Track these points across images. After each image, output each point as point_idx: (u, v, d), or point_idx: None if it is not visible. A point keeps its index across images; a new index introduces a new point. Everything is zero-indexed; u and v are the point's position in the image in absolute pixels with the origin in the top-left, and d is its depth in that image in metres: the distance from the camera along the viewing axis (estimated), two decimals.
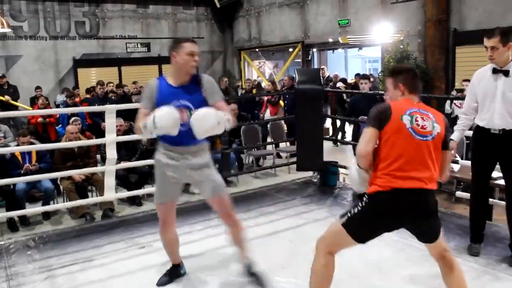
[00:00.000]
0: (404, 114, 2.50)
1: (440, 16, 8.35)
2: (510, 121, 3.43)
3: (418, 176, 2.45)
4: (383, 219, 2.55)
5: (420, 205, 2.51)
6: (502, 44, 3.32)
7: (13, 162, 5.93)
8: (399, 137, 2.46)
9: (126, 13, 13.32)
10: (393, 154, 2.46)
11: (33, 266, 3.85)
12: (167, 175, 3.14)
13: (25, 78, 11.63)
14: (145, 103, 3.03)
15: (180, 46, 2.98)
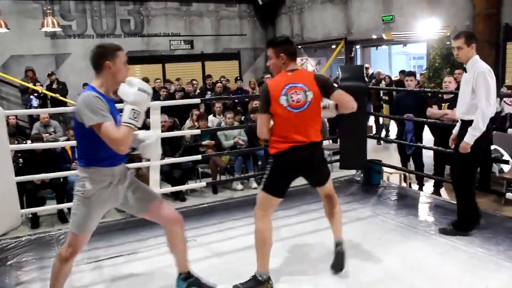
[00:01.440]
0: (281, 95, 3.06)
1: (490, 10, 8.06)
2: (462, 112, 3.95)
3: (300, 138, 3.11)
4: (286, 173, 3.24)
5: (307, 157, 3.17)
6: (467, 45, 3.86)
7: (63, 156, 6.16)
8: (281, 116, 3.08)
9: (170, 11, 13.53)
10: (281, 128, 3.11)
11: (81, 257, 3.96)
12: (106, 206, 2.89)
13: (73, 75, 12.00)
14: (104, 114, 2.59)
15: (115, 55, 2.72)
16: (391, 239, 4.06)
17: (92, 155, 2.74)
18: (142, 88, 2.63)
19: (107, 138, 2.57)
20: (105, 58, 2.70)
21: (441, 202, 5.12)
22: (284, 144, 3.11)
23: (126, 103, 2.62)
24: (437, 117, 5.74)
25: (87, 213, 2.79)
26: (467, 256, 3.67)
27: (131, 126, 2.60)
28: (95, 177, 2.76)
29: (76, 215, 2.80)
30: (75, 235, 2.82)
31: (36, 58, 11.74)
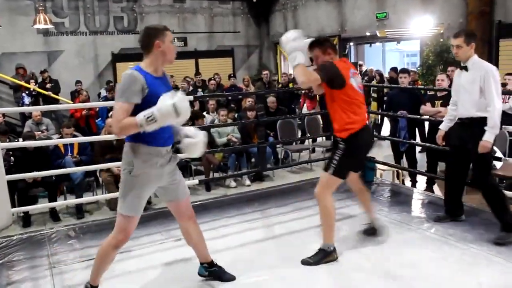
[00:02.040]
0: (351, 77, 3.37)
1: (483, 8, 8.08)
2: (471, 110, 3.89)
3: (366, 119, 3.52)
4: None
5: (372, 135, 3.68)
6: (466, 43, 3.85)
7: (55, 154, 6.12)
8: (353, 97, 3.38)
9: (163, 8, 13.48)
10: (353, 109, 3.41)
11: (74, 255, 3.96)
12: (152, 186, 2.90)
13: (66, 72, 11.94)
14: (129, 97, 2.62)
15: (164, 34, 2.79)
16: (384, 236, 4.07)
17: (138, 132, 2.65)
18: (176, 105, 2.56)
19: (113, 116, 2.64)
20: (155, 38, 2.75)
21: (434, 199, 5.12)
22: (357, 124, 3.39)
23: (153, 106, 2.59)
24: (431, 115, 5.76)
25: (137, 192, 2.79)
26: (460, 252, 3.68)
27: (137, 124, 2.57)
28: (141, 154, 2.76)
29: (126, 195, 2.79)
30: (127, 217, 2.82)
31: (28, 56, 11.65)
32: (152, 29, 2.81)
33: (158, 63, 2.80)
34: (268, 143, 7.20)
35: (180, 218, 3.17)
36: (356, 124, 3.40)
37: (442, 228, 4.18)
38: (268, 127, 7.87)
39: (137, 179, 2.76)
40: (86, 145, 6.36)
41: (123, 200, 2.81)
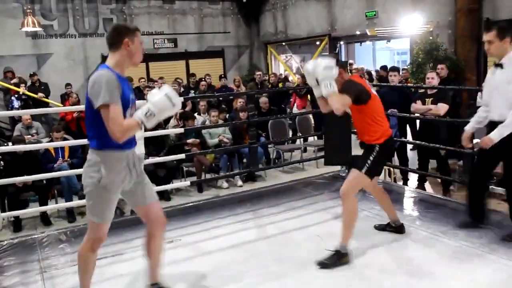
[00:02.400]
0: (371, 90, 3.60)
1: (471, 5, 8.13)
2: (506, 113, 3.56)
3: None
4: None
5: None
6: (499, 38, 3.58)
7: (46, 157, 6.08)
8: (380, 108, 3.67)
9: (153, 9, 13.42)
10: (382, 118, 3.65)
11: (65, 259, 3.93)
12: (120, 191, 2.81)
13: (55, 75, 11.85)
14: (116, 98, 2.53)
15: (134, 34, 2.71)
16: (376, 234, 4.08)
17: (107, 136, 2.57)
18: (169, 96, 2.57)
19: (111, 121, 2.49)
20: (125, 36, 2.65)
21: (425, 196, 5.15)
22: (389, 130, 3.64)
23: (147, 102, 2.58)
24: (421, 112, 5.78)
25: (105, 201, 2.72)
26: (452, 249, 3.70)
27: (139, 123, 2.55)
28: (110, 161, 2.66)
29: (93, 204, 2.72)
30: (96, 224, 2.76)
31: (17, 59, 11.54)
32: (122, 27, 2.74)
33: (124, 64, 2.69)
34: (260, 143, 7.20)
35: (152, 224, 3.00)
36: (388, 131, 3.64)
37: (433, 225, 4.20)
38: (260, 127, 7.86)
39: (105, 187, 2.67)
40: (77, 148, 6.32)
41: (92, 209, 2.74)
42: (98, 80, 2.52)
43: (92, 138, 2.68)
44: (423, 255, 3.64)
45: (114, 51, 2.67)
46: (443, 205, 4.74)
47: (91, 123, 2.65)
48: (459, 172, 6.04)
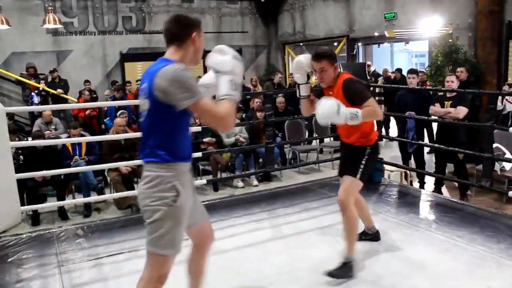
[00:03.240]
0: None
1: (492, 7, 8.02)
2: None
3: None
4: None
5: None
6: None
7: (63, 153, 6.16)
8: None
9: (171, 7, 13.49)
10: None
11: (82, 254, 3.98)
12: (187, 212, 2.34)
13: (74, 72, 11.99)
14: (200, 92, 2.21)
15: (200, 28, 2.34)
16: (392, 237, 4.05)
17: (177, 145, 2.23)
18: (236, 56, 2.29)
19: (212, 117, 2.17)
20: (193, 29, 2.30)
21: (442, 200, 5.10)
22: (376, 131, 3.51)
23: (220, 74, 2.25)
24: (440, 115, 5.72)
25: (181, 224, 2.27)
26: (469, 254, 3.65)
27: (233, 99, 2.21)
28: (183, 175, 2.26)
29: (166, 232, 2.22)
30: (167, 257, 2.29)
31: (38, 55, 11.71)
32: (189, 18, 2.34)
33: (187, 61, 2.30)
34: (276, 143, 7.20)
35: (204, 243, 2.63)
36: (377, 131, 3.52)
37: (450, 229, 4.15)
38: (276, 127, 7.86)
39: (180, 207, 2.23)
40: (94, 145, 6.39)
41: (164, 239, 2.23)
42: (178, 76, 2.11)
43: (157, 148, 2.21)
44: (438, 259, 3.61)
45: (178, 46, 2.29)
46: (460, 210, 4.69)
47: (159, 130, 2.21)
48: (477, 176, 5.97)
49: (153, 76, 2.14)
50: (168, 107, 2.13)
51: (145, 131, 2.26)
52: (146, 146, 2.25)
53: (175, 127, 2.22)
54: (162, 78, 2.11)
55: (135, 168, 6.10)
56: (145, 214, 2.25)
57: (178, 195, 2.21)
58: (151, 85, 2.15)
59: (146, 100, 2.21)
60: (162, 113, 2.17)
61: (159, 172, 2.20)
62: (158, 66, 2.17)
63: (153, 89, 2.14)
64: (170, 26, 2.32)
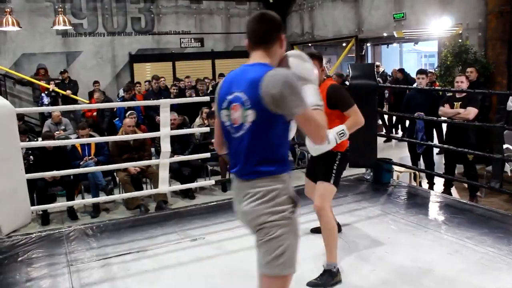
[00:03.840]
0: None
1: (503, 7, 7.95)
2: None
3: None
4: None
5: None
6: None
7: (73, 154, 6.20)
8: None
9: (180, 9, 13.53)
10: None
11: (91, 254, 4.00)
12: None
13: (84, 73, 12.07)
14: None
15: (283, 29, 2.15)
16: (401, 238, 4.03)
17: (285, 155, 2.10)
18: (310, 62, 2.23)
19: (314, 126, 2.01)
20: (281, 30, 2.13)
21: (451, 201, 5.07)
22: (346, 140, 3.39)
23: (306, 82, 2.15)
24: (449, 116, 5.69)
25: (296, 237, 2.09)
26: (478, 256, 3.63)
27: (322, 109, 2.14)
28: (290, 185, 2.09)
29: (289, 247, 2.04)
30: (287, 277, 2.10)
31: (48, 56, 11.80)
32: (276, 19, 2.13)
33: (273, 64, 2.10)
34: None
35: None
36: (347, 141, 3.45)
37: (459, 231, 4.13)
38: None
39: (296, 219, 2.08)
40: (103, 145, 6.43)
41: (282, 256, 2.02)
42: (290, 82, 1.93)
43: (266, 161, 2.04)
44: (448, 261, 3.59)
45: (266, 49, 2.09)
46: (469, 211, 4.66)
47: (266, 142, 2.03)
48: (487, 177, 5.92)
49: (256, 83, 1.94)
50: (276, 116, 1.97)
51: (246, 145, 2.03)
52: (250, 161, 2.04)
53: (282, 137, 2.06)
54: (272, 85, 1.91)
55: (143, 168, 6.12)
56: (261, 233, 2.04)
57: (295, 205, 2.08)
58: (256, 93, 1.94)
59: (247, 111, 1.98)
60: (270, 123, 1.99)
61: (272, 185, 2.03)
62: (258, 73, 1.97)
63: (260, 97, 1.93)
64: (256, 26, 2.10)
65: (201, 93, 9.71)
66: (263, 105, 1.94)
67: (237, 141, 2.07)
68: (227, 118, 2.09)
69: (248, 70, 2.04)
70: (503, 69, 8.02)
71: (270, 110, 1.94)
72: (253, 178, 2.05)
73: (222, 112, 2.11)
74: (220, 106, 2.13)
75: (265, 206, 2.02)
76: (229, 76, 2.16)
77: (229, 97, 2.06)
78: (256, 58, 2.08)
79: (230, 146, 2.15)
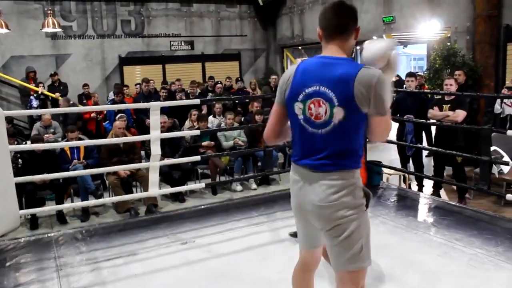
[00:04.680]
0: None
1: (490, 11, 8.04)
2: None
3: None
4: None
5: None
6: None
7: (62, 157, 6.15)
8: None
9: (170, 11, 13.52)
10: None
11: (80, 258, 3.97)
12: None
13: (73, 75, 12.00)
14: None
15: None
16: (391, 241, 4.06)
17: (358, 150, 2.07)
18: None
19: (385, 129, 2.05)
20: (357, 21, 2.06)
21: (440, 203, 5.11)
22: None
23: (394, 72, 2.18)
24: (438, 119, 5.74)
25: (369, 230, 2.13)
26: (467, 257, 3.66)
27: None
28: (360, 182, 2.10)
29: (364, 242, 2.07)
30: (363, 270, 2.15)
31: (37, 59, 11.72)
32: (354, 9, 2.07)
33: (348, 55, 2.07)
34: (275, 146, 7.20)
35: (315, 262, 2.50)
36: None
37: (448, 233, 4.16)
38: None
39: (367, 212, 2.12)
40: (93, 148, 6.39)
41: (362, 250, 2.07)
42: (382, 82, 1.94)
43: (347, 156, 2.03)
44: (437, 262, 3.61)
45: (343, 40, 2.03)
46: (458, 213, 4.70)
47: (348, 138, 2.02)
48: (475, 179, 5.98)
49: (349, 80, 1.91)
50: (362, 114, 1.97)
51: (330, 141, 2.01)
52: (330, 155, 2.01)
53: (361, 133, 2.05)
54: (367, 84, 1.90)
55: (133, 171, 6.10)
56: (339, 228, 2.03)
57: (369, 198, 2.10)
58: (347, 91, 1.91)
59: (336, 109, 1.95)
60: (357, 122, 1.98)
61: (350, 179, 2.03)
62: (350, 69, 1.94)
63: (353, 96, 1.91)
64: (334, 16, 2.01)
65: (191, 96, 9.70)
66: (355, 104, 1.91)
67: (316, 136, 2.03)
68: (301, 112, 2.04)
69: (332, 64, 1.98)
70: (490, 72, 8.11)
71: (359, 109, 1.93)
72: (331, 170, 2.01)
73: (296, 105, 2.05)
74: (295, 98, 2.05)
75: (343, 200, 2.00)
76: (303, 67, 2.07)
77: (308, 90, 2.00)
78: (333, 50, 2.02)
79: (302, 139, 2.09)
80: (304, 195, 2.10)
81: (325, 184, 2.01)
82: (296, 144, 2.13)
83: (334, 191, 2.00)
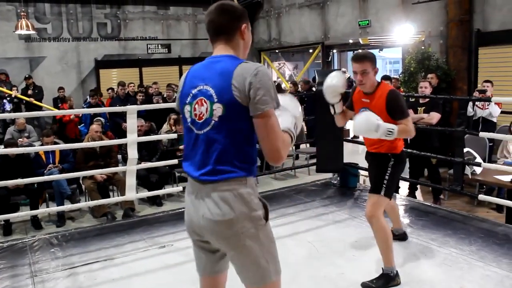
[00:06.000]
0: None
1: (462, 16, 8.23)
2: None
3: None
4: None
5: None
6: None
7: (36, 162, 6.05)
8: None
9: (147, 14, 13.45)
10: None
11: (56, 263, 3.91)
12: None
13: (48, 79, 11.83)
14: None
15: (248, 18, 2.02)
16: (368, 241, 4.10)
17: (251, 157, 1.90)
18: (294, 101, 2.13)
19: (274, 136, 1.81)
20: (243, 20, 1.97)
21: (416, 204, 5.19)
22: (401, 141, 3.34)
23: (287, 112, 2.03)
24: (413, 121, 5.82)
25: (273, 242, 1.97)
26: (441, 257, 3.73)
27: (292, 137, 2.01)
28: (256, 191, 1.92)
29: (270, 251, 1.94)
30: (277, 282, 1.99)
31: (10, 62, 11.52)
32: (236, 8, 1.98)
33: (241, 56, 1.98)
34: None
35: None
36: (402, 140, 3.38)
37: (424, 233, 4.24)
38: None
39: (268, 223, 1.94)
40: (68, 153, 6.30)
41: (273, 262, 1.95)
42: (264, 77, 1.81)
43: (236, 162, 1.84)
44: (413, 262, 3.67)
45: (227, 40, 1.96)
46: (433, 213, 4.79)
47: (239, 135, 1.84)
48: (449, 180, 6.09)
49: (226, 75, 1.82)
50: (246, 111, 1.80)
51: (211, 142, 1.84)
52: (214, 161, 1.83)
53: (251, 137, 1.86)
54: (243, 75, 1.78)
55: (110, 175, 6.03)
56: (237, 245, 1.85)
57: (267, 209, 1.91)
58: (225, 85, 1.80)
59: (214, 105, 1.83)
60: (239, 119, 1.81)
61: (242, 188, 1.84)
62: (229, 64, 1.85)
63: (230, 89, 1.79)
64: (214, 16, 1.95)
65: (169, 99, 9.64)
66: (233, 98, 1.78)
67: (200, 139, 1.88)
68: (189, 114, 1.92)
69: (215, 62, 1.91)
70: (463, 75, 8.29)
71: (239, 104, 1.78)
72: (219, 180, 1.82)
73: (185, 108, 1.94)
74: (183, 101, 1.95)
75: (239, 212, 1.82)
76: (192, 69, 2.00)
77: (194, 91, 1.91)
78: (220, 50, 1.95)
79: (189, 145, 1.94)
80: (196, 209, 1.93)
81: (217, 196, 1.83)
82: (186, 149, 1.99)
83: (227, 203, 1.82)
